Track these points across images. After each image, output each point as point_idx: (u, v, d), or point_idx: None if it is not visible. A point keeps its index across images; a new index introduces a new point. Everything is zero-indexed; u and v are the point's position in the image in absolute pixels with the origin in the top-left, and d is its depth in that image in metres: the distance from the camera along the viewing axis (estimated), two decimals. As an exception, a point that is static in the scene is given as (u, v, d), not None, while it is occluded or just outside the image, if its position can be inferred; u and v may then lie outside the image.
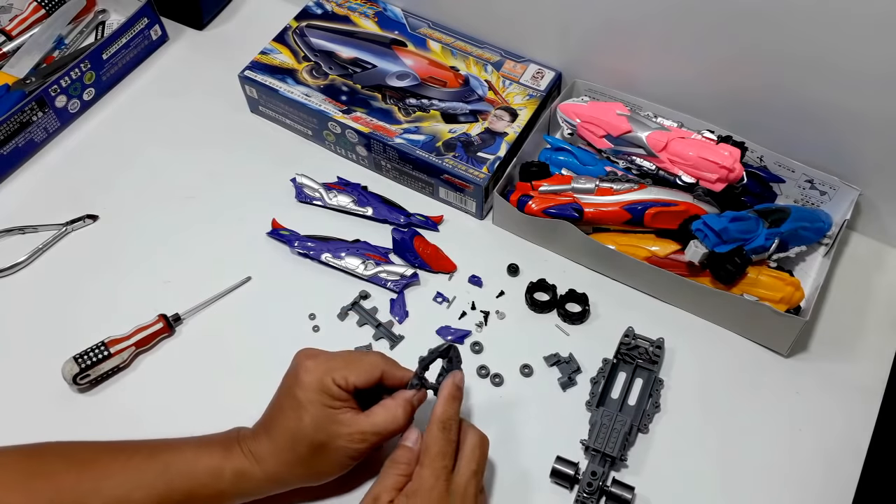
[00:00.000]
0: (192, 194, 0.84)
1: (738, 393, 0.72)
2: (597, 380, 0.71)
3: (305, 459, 0.59)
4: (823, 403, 0.71)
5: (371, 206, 0.82)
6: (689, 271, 0.75)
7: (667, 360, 0.73)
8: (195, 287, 0.77)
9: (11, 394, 0.71)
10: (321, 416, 0.59)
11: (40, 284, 0.78)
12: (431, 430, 0.59)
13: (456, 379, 0.62)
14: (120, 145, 0.89)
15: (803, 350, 0.74)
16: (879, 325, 0.76)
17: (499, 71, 0.88)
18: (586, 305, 0.76)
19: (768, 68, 0.74)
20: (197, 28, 0.99)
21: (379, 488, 0.58)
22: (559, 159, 0.83)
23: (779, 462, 0.68)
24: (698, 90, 0.80)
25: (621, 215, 0.76)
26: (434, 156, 0.81)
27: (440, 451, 0.58)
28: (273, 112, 0.89)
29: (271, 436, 0.60)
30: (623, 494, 0.64)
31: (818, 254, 0.80)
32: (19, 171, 0.87)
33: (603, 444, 0.66)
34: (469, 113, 0.84)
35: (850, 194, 0.77)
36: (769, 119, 0.78)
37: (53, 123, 0.88)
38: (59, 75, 0.86)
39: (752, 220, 0.73)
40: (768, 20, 0.70)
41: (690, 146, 0.75)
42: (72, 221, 0.82)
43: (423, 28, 0.92)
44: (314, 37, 0.91)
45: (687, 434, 0.69)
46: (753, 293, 0.73)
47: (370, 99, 0.85)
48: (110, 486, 0.57)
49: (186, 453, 0.59)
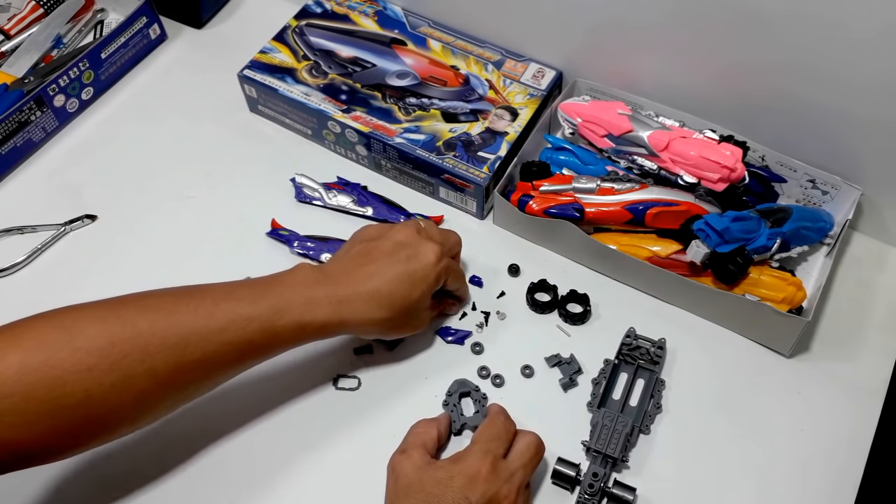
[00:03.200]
0: (191, 194, 0.84)
1: (740, 393, 0.71)
2: (598, 380, 0.71)
3: (369, 270, 0.64)
4: (826, 404, 0.71)
5: (371, 206, 0.82)
6: (691, 271, 0.75)
7: (668, 360, 0.73)
8: (194, 287, 0.76)
9: (10, 395, 0.71)
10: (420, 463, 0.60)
11: (39, 284, 0.78)
12: (488, 417, 0.63)
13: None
14: (119, 145, 0.89)
15: (805, 350, 0.74)
16: (882, 325, 0.75)
17: (499, 70, 0.88)
18: (587, 306, 0.75)
19: (770, 68, 0.74)
20: (196, 27, 0.99)
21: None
22: (560, 159, 0.82)
23: (781, 462, 0.68)
24: (700, 90, 0.80)
25: (622, 215, 0.76)
26: (434, 155, 0.80)
27: (495, 433, 0.61)
28: (272, 111, 0.89)
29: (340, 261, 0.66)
30: (624, 496, 0.64)
31: (820, 254, 0.80)
32: (18, 170, 0.86)
33: (604, 445, 0.66)
34: (469, 112, 0.84)
35: (853, 194, 0.77)
36: (771, 118, 0.78)
37: (52, 123, 0.88)
38: (58, 74, 0.86)
39: (753, 219, 0.72)
40: (770, 21, 0.70)
41: (692, 146, 0.75)
42: (70, 221, 0.81)
43: (424, 27, 0.92)
44: (314, 36, 0.91)
45: (689, 435, 0.69)
46: (755, 293, 0.73)
47: (370, 98, 0.85)
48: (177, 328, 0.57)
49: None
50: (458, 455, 0.60)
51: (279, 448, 0.67)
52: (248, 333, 0.58)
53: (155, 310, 0.56)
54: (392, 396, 0.71)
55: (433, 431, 0.64)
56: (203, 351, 0.56)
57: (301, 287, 0.61)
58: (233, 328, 0.57)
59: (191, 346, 0.56)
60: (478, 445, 0.60)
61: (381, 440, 0.64)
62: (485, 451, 0.59)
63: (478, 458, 0.59)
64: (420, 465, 0.59)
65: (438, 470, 0.58)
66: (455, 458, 0.60)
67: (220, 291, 0.60)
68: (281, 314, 0.59)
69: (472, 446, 0.60)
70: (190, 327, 0.56)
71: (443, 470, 0.58)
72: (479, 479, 0.57)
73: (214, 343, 0.57)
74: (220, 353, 0.57)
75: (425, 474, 0.58)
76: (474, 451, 0.59)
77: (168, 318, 0.56)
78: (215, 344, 0.57)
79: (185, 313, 0.57)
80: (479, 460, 0.58)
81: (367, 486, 0.63)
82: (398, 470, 0.59)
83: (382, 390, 0.71)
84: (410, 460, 0.60)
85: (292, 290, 0.61)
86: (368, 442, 0.68)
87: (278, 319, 0.59)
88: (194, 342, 0.56)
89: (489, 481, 0.57)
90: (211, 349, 0.56)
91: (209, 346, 0.56)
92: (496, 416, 0.64)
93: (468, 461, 0.58)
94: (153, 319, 0.55)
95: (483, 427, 0.62)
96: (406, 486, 0.58)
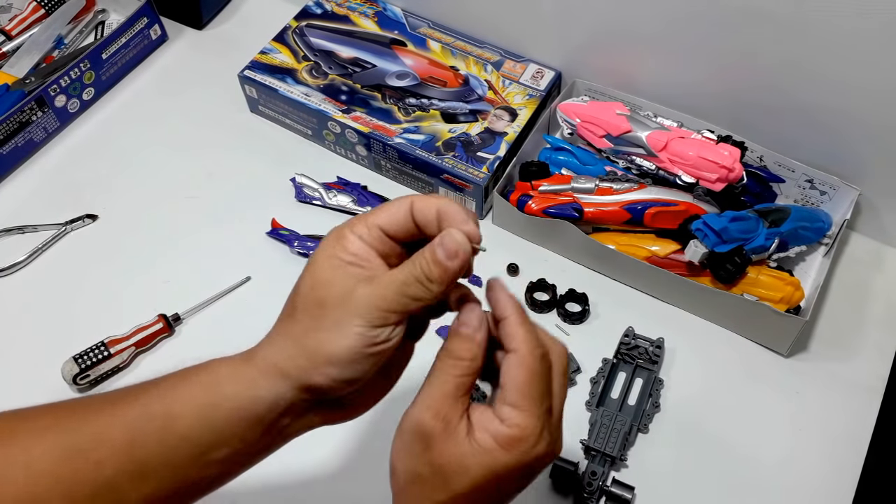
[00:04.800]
0: (191, 194, 0.84)
1: (738, 393, 0.72)
2: (596, 380, 0.71)
3: (301, 327, 0.43)
4: (823, 403, 0.71)
5: (371, 206, 0.82)
6: (689, 271, 0.75)
7: (667, 359, 0.73)
8: (195, 287, 0.77)
9: (11, 394, 0.71)
10: (330, 271, 0.43)
11: (40, 284, 0.78)
12: (526, 361, 0.43)
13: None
14: (119, 145, 0.89)
15: (803, 350, 0.74)
16: (879, 325, 0.76)
17: (499, 70, 0.88)
18: (586, 305, 0.76)
19: (768, 68, 0.74)
20: (196, 28, 0.99)
21: (439, 400, 0.43)
22: (559, 159, 0.83)
23: (779, 462, 0.68)
24: (698, 90, 0.80)
25: (621, 215, 0.76)
26: (434, 155, 0.81)
27: (544, 390, 0.43)
28: (273, 112, 0.89)
29: (272, 328, 0.45)
30: (623, 494, 0.64)
31: (818, 253, 0.80)
32: (19, 170, 0.87)
33: (603, 443, 0.66)
34: (469, 112, 0.84)
35: (850, 194, 0.77)
36: (769, 119, 0.78)
37: (53, 123, 0.88)
38: (59, 75, 0.86)
39: (752, 219, 0.73)
40: (769, 21, 0.70)
41: (690, 146, 0.75)
42: (71, 221, 0.82)
43: (423, 28, 0.92)
44: (314, 36, 0.91)
45: (687, 434, 0.69)
46: (753, 293, 0.73)
47: (370, 98, 0.85)
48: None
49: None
50: (507, 435, 0.42)
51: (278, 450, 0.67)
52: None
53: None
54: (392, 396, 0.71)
55: (476, 360, 0.44)
56: None
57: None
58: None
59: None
60: (530, 417, 0.42)
61: (381, 440, 0.64)
62: (541, 426, 0.43)
63: (535, 437, 0.43)
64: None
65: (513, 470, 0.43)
66: (505, 441, 0.42)
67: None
68: None
69: (517, 413, 0.42)
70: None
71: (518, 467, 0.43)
72: (546, 458, 0.44)
73: None
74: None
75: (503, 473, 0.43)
76: (528, 426, 0.42)
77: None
78: None
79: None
80: (537, 440, 0.43)
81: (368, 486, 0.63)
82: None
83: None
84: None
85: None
86: (369, 442, 0.68)
87: None
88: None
89: (549, 455, 0.44)
90: None
91: None
92: (534, 353, 0.43)
93: (523, 447, 0.42)
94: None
95: (528, 375, 0.43)
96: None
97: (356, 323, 0.41)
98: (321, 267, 0.43)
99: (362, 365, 0.42)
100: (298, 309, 0.43)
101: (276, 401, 0.43)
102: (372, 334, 0.41)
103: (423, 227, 0.44)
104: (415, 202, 0.44)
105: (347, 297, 0.42)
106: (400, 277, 0.42)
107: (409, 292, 0.42)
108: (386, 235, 0.44)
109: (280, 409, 0.43)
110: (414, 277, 0.42)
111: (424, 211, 0.44)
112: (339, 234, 0.44)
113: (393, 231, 0.44)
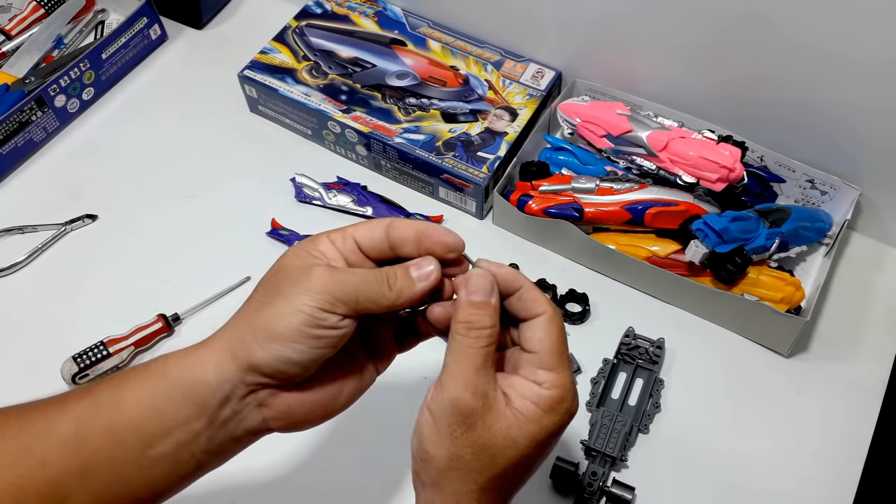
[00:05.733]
0: (191, 194, 0.84)
1: (739, 393, 0.72)
2: (597, 380, 0.71)
3: (255, 305, 0.43)
4: (824, 403, 0.71)
5: (371, 206, 0.82)
6: (690, 271, 0.75)
7: (667, 360, 0.73)
8: (194, 287, 0.76)
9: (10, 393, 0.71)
10: (295, 259, 0.44)
11: (39, 284, 0.78)
12: (555, 322, 0.44)
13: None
14: (119, 145, 0.89)
15: (804, 350, 0.74)
16: (880, 325, 0.76)
17: (499, 70, 0.88)
18: (586, 305, 0.76)
19: (769, 69, 0.74)
20: (196, 27, 0.99)
21: (473, 376, 0.42)
22: (559, 159, 0.83)
23: (780, 462, 0.68)
24: (699, 90, 0.80)
25: (622, 215, 0.76)
26: (434, 155, 0.81)
27: (566, 345, 0.44)
28: (272, 111, 0.89)
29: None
30: (623, 495, 0.64)
31: (819, 254, 0.80)
32: (18, 170, 0.86)
33: (603, 444, 0.66)
34: (469, 112, 0.84)
35: (851, 194, 0.77)
36: (770, 119, 0.78)
37: (53, 123, 0.88)
38: (59, 75, 0.86)
39: (752, 219, 0.73)
40: (769, 20, 0.70)
41: (691, 146, 0.75)
42: (71, 221, 0.82)
43: (423, 27, 0.92)
44: (314, 36, 0.91)
45: (687, 434, 0.69)
46: (754, 293, 0.73)
47: (370, 98, 0.85)
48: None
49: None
50: (549, 397, 0.42)
51: (278, 449, 0.67)
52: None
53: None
54: (391, 396, 0.71)
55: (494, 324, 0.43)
56: None
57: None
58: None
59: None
60: (566, 375, 0.43)
61: (381, 441, 0.64)
62: (571, 382, 0.44)
63: (573, 392, 0.44)
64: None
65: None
66: (548, 405, 0.42)
67: None
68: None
69: (555, 375, 0.43)
70: None
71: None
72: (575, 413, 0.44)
73: None
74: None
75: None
76: (567, 385, 0.43)
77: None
78: None
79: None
80: (574, 395, 0.44)
81: (368, 486, 0.63)
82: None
83: (382, 390, 0.71)
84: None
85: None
86: (368, 442, 0.68)
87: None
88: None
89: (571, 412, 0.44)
90: None
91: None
92: (554, 315, 0.44)
93: (566, 405, 0.43)
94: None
95: (556, 335, 0.44)
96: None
97: (304, 301, 0.41)
98: (287, 256, 0.44)
99: (304, 346, 0.42)
100: (257, 292, 0.44)
101: (219, 382, 0.42)
102: (318, 315, 0.41)
103: (398, 247, 0.45)
104: (394, 222, 0.45)
105: (303, 276, 0.42)
106: (361, 273, 0.43)
107: (366, 290, 0.42)
108: (359, 249, 0.45)
109: (225, 391, 0.42)
110: (376, 279, 0.43)
111: (402, 230, 0.45)
112: (313, 237, 0.45)
113: (366, 245, 0.45)
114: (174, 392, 0.42)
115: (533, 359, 0.43)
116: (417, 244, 0.45)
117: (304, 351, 0.42)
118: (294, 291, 0.42)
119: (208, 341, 0.44)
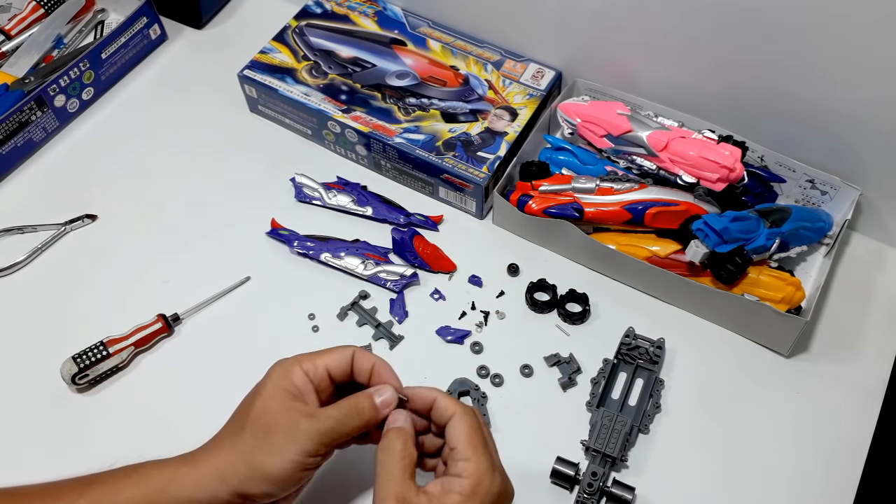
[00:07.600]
0: (191, 194, 0.84)
1: (739, 393, 0.72)
2: (597, 380, 0.71)
3: (248, 446, 0.52)
4: (824, 403, 0.71)
5: (371, 206, 0.82)
6: (690, 271, 0.75)
7: (667, 360, 0.73)
8: (194, 287, 0.76)
9: (10, 393, 0.71)
10: (276, 401, 0.52)
11: (39, 284, 0.78)
12: (465, 419, 0.52)
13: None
14: (119, 145, 0.89)
15: (804, 350, 0.74)
16: (880, 325, 0.75)
17: (499, 70, 0.88)
18: (587, 305, 0.76)
19: (769, 68, 0.74)
20: (196, 27, 0.99)
21: (391, 488, 0.50)
22: (559, 159, 0.83)
23: (780, 462, 0.68)
24: (699, 90, 0.80)
25: (622, 215, 0.76)
26: (434, 155, 0.81)
27: (483, 439, 0.52)
28: (272, 111, 0.89)
29: (216, 437, 0.54)
30: (623, 495, 0.64)
31: (819, 254, 0.80)
32: (18, 170, 0.86)
33: (603, 444, 0.66)
34: (469, 112, 0.84)
35: (851, 194, 0.77)
36: (770, 118, 0.78)
37: (52, 123, 0.88)
38: (59, 75, 0.86)
39: (752, 219, 0.73)
40: (769, 20, 0.70)
41: (691, 146, 0.75)
42: (71, 221, 0.82)
43: (423, 27, 0.92)
44: (314, 36, 0.91)
45: (688, 434, 0.69)
46: (754, 293, 0.73)
47: (370, 98, 0.85)
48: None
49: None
50: (465, 485, 0.50)
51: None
52: None
53: None
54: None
55: (410, 446, 0.52)
56: None
57: None
58: None
59: None
60: (485, 461, 0.51)
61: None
62: (493, 465, 0.51)
63: (490, 475, 0.50)
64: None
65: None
66: (467, 490, 0.49)
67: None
68: None
69: (471, 462, 0.50)
70: None
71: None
72: (502, 496, 0.51)
73: None
74: None
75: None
76: (482, 471, 0.50)
77: None
78: None
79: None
80: (492, 478, 0.50)
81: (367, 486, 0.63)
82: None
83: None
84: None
85: None
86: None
87: None
88: None
89: (503, 494, 0.51)
90: None
91: None
92: (470, 412, 0.53)
93: (483, 489, 0.50)
94: None
95: (471, 427, 0.52)
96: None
97: (296, 451, 0.51)
98: (269, 395, 0.52)
99: (293, 482, 0.52)
100: (247, 430, 0.52)
101: (210, 501, 0.51)
102: (308, 461, 0.51)
103: (356, 375, 0.55)
104: (356, 354, 0.55)
105: (293, 430, 0.51)
106: (336, 415, 0.52)
107: (341, 428, 0.52)
108: (328, 375, 0.54)
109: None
110: (347, 414, 0.52)
111: (363, 362, 0.55)
112: (287, 369, 0.53)
113: (335, 373, 0.54)
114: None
115: (454, 454, 0.51)
116: (374, 375, 0.55)
117: (294, 484, 0.52)
118: (286, 444, 0.51)
119: (201, 466, 0.52)
